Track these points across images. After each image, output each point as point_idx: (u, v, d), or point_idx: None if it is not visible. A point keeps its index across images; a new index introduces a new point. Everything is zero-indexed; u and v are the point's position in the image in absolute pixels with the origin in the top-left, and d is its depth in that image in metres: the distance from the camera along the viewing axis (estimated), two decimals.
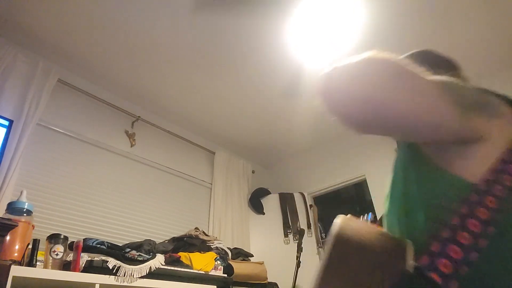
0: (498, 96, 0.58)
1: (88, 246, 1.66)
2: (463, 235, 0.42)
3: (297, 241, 2.33)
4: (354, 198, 3.75)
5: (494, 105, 0.53)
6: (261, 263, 2.59)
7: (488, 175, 0.47)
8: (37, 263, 1.47)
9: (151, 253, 1.91)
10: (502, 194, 0.45)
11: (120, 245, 1.89)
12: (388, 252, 0.43)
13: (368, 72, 0.45)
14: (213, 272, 2.15)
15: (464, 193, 0.46)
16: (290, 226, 3.07)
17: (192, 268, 2.04)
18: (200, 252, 2.23)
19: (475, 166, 0.48)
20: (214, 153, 3.22)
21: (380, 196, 1.49)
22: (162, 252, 2.06)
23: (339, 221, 0.48)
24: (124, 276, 1.64)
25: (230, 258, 2.42)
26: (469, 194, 0.46)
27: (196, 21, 2.01)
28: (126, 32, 2.07)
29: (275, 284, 2.58)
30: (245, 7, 1.92)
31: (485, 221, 0.43)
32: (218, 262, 2.23)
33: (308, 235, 2.99)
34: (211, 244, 2.37)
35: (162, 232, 2.53)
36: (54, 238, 1.54)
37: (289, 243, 3.00)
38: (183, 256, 2.12)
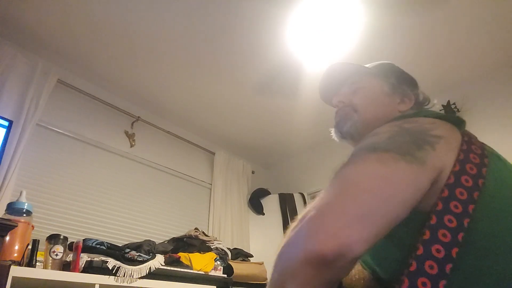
0: (431, 115, 0.60)
1: (88, 247, 1.66)
2: (429, 263, 0.42)
3: None
4: None
5: (430, 134, 0.53)
6: (261, 264, 2.59)
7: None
8: (37, 263, 1.47)
9: (151, 254, 1.91)
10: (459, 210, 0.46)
11: (120, 245, 1.89)
12: None
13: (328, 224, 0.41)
14: (212, 273, 2.15)
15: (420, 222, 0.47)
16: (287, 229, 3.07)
17: (191, 269, 2.04)
18: (200, 253, 2.23)
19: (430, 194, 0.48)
20: (213, 154, 3.22)
21: None
22: (161, 253, 2.06)
23: None
24: (124, 276, 1.64)
25: (229, 258, 2.42)
26: (429, 219, 0.46)
27: (195, 22, 2.01)
28: (126, 32, 2.07)
29: None
30: (244, 8, 1.92)
31: (449, 243, 0.43)
32: (218, 262, 2.23)
33: None
34: (211, 245, 2.37)
35: (161, 232, 2.53)
36: (53, 239, 1.54)
37: None
38: (183, 256, 2.12)
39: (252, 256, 2.72)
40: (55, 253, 1.51)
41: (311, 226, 0.40)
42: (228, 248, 2.52)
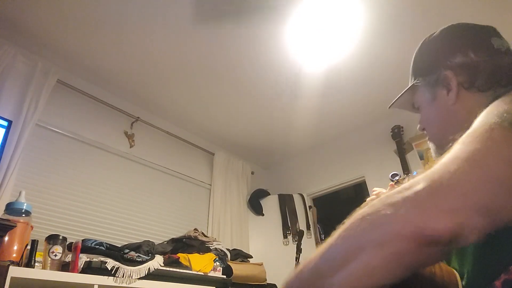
0: None
1: (87, 247, 1.66)
2: None
3: (296, 242, 2.33)
4: (354, 199, 3.75)
5: None
6: (260, 264, 2.58)
7: None
8: (36, 264, 1.46)
9: (150, 254, 1.90)
10: None
11: (119, 246, 1.89)
12: None
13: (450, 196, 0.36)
14: (212, 273, 2.15)
15: None
16: (289, 227, 3.07)
17: (191, 269, 2.04)
18: (199, 253, 2.23)
19: None
20: (213, 154, 3.22)
21: None
22: (161, 253, 2.05)
23: None
24: (123, 277, 1.64)
25: (229, 259, 2.42)
26: None
27: (196, 23, 2.01)
28: (126, 33, 2.07)
29: (274, 286, 2.58)
30: (244, 9, 1.92)
31: None
32: (217, 263, 2.23)
33: (308, 236, 2.99)
34: (210, 245, 2.37)
35: (161, 233, 2.53)
36: (52, 239, 1.53)
37: (288, 244, 3.00)
38: (182, 257, 2.11)
39: (251, 257, 2.72)
40: (54, 254, 1.50)
41: (427, 198, 0.35)
42: (228, 249, 2.52)
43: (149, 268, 1.78)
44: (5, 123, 1.73)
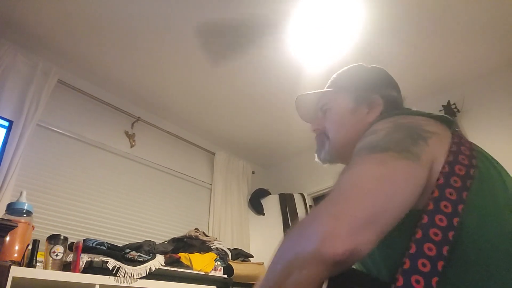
0: (423, 114, 0.61)
1: (88, 247, 1.66)
2: (422, 262, 0.44)
3: None
4: None
5: (423, 129, 0.55)
6: (261, 264, 2.59)
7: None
8: (37, 263, 1.47)
9: (151, 254, 1.90)
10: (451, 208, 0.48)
11: (120, 245, 1.89)
12: None
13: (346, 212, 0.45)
14: (213, 273, 2.15)
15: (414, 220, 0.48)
16: (290, 227, 3.07)
17: (192, 269, 2.04)
18: (200, 253, 2.23)
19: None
20: (214, 154, 3.22)
21: None
22: (162, 253, 2.05)
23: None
24: (124, 276, 1.64)
25: (230, 258, 2.42)
26: (420, 218, 0.48)
27: (196, 23, 2.01)
28: (126, 32, 2.07)
29: None
30: (245, 8, 1.92)
31: (440, 242, 0.45)
32: (218, 262, 2.23)
33: None
34: (211, 245, 2.37)
35: (162, 232, 2.53)
36: (54, 239, 1.54)
37: None
38: (183, 256, 2.12)
39: (252, 256, 2.72)
40: (55, 254, 1.51)
41: (324, 229, 0.43)
42: (228, 249, 2.52)
43: (150, 268, 1.78)
44: (6, 123, 1.74)
